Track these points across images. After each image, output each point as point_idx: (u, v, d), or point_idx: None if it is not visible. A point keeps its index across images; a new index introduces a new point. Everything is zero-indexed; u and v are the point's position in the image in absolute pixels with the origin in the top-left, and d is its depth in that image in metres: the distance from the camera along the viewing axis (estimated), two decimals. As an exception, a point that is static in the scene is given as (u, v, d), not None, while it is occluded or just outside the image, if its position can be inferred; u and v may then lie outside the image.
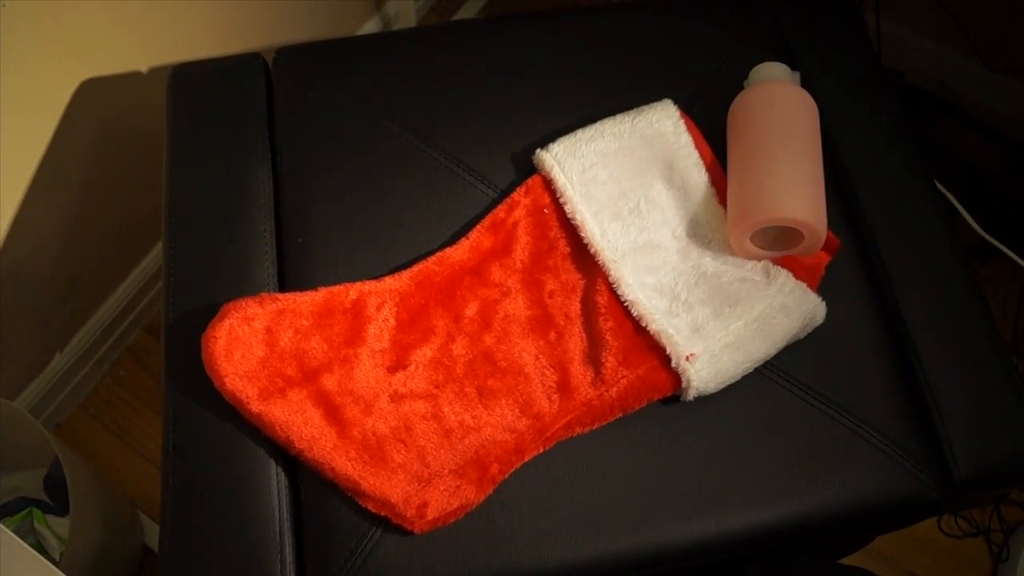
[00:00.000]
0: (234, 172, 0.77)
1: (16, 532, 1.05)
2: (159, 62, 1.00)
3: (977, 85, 1.31)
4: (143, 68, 0.99)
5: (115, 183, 1.07)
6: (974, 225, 1.09)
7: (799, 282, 0.70)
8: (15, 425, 1.00)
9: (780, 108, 0.73)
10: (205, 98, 0.81)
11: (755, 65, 0.78)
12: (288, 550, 0.66)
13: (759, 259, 0.71)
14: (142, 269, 1.20)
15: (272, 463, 0.68)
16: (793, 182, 0.69)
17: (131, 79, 0.98)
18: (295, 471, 0.69)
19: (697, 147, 0.75)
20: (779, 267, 0.70)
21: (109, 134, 1.01)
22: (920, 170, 0.80)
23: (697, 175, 0.74)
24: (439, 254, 0.72)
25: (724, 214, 0.73)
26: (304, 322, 0.67)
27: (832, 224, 0.75)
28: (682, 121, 0.75)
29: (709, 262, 0.71)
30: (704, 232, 0.73)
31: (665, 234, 0.73)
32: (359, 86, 0.81)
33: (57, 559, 1.05)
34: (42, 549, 1.07)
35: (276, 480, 0.67)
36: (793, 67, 0.79)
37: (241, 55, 0.84)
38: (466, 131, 0.78)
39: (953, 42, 1.28)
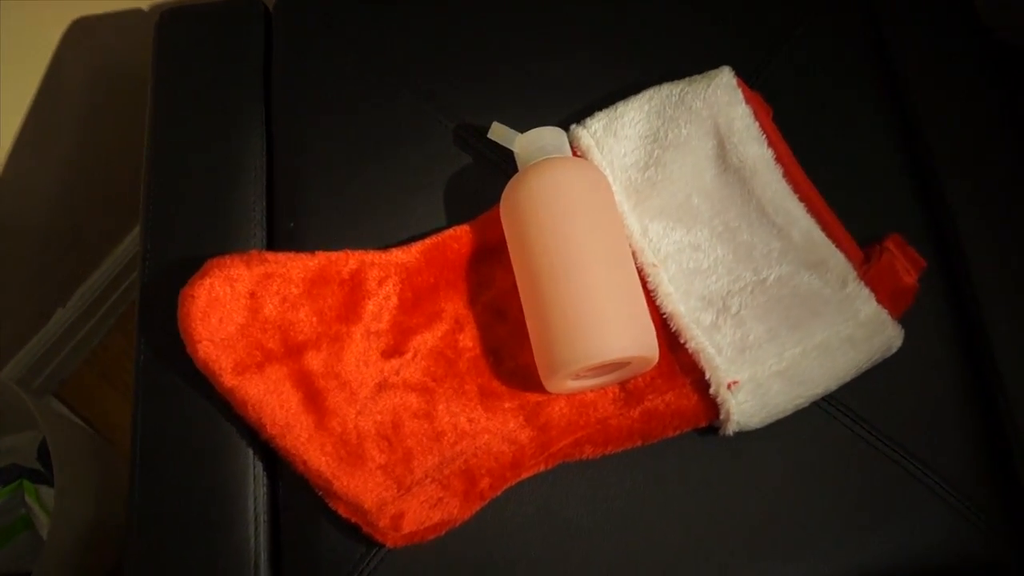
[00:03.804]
0: (223, 138, 0.69)
1: (5, 505, 1.01)
2: (159, -1, 0.94)
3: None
4: (143, 5, 0.92)
5: (115, 130, 1.01)
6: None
7: (881, 308, 0.59)
8: (4, 391, 0.95)
9: (556, 207, 0.58)
10: (195, 49, 0.73)
11: (829, 35, 0.69)
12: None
13: (582, 391, 0.59)
14: (150, 220, 1.15)
15: (250, 484, 0.61)
16: (604, 310, 0.56)
17: (129, 18, 0.92)
18: (275, 499, 0.61)
19: (758, 118, 0.63)
20: (862, 284, 0.59)
21: (106, 78, 0.95)
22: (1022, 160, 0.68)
23: (756, 148, 0.63)
24: (457, 228, 0.63)
25: (792, 194, 0.62)
26: (294, 290, 0.59)
27: (911, 226, 0.65)
28: (740, 91, 0.64)
29: (774, 263, 0.61)
30: (768, 221, 0.62)
31: (719, 229, 0.62)
32: (369, 42, 0.72)
33: (45, 536, 1.00)
34: (31, 524, 1.01)
35: (253, 506, 0.60)
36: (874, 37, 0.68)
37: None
38: (489, 100, 0.69)
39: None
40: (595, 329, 0.55)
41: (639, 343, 0.55)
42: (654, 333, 0.57)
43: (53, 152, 0.95)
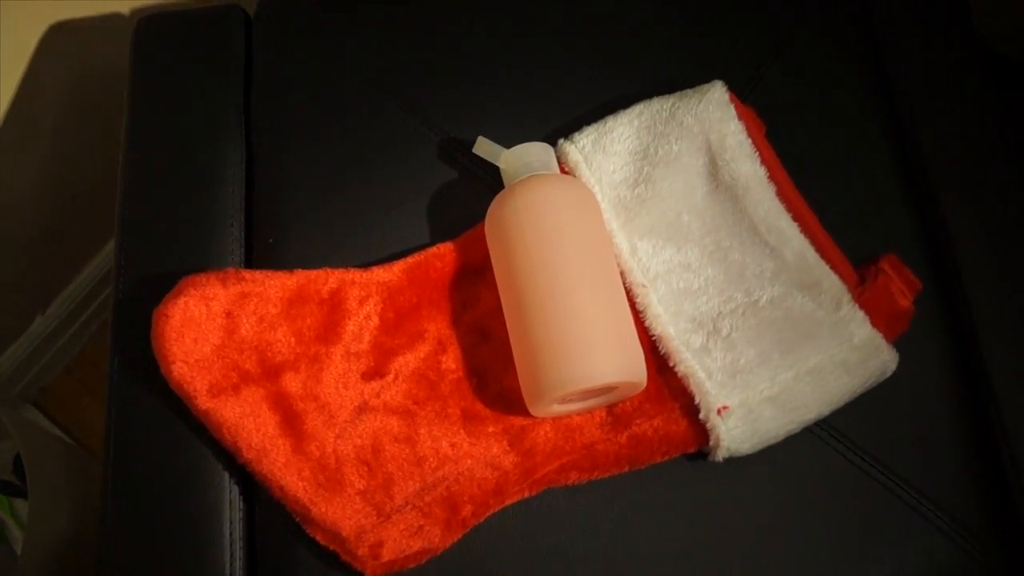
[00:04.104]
0: (200, 149, 0.67)
1: (-23, 518, 0.98)
2: (140, 2, 0.91)
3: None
4: (123, 9, 0.90)
5: (95, 135, 0.98)
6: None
7: (876, 332, 0.57)
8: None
9: (543, 225, 0.56)
10: (173, 56, 0.71)
11: (823, 48, 0.68)
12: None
13: (567, 415, 0.57)
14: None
15: (226, 509, 0.59)
16: (591, 333, 0.54)
17: (108, 22, 0.89)
18: (252, 524, 0.60)
19: (751, 134, 0.62)
20: (856, 307, 0.58)
21: (85, 83, 0.93)
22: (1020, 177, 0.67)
23: (749, 166, 0.61)
24: (440, 245, 0.61)
25: (785, 213, 0.60)
26: (271, 309, 0.57)
27: (907, 246, 0.63)
28: (732, 106, 0.62)
29: (766, 284, 0.59)
30: (761, 240, 0.60)
31: (710, 248, 0.61)
32: (353, 51, 0.70)
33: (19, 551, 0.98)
34: (5, 538, 0.99)
35: (229, 530, 0.58)
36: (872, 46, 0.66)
37: (219, 5, 0.73)
38: (475, 112, 0.67)
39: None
40: (582, 353, 0.53)
41: (627, 368, 0.54)
42: (642, 357, 0.55)
43: (31, 157, 0.93)
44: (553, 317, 0.54)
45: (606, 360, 0.53)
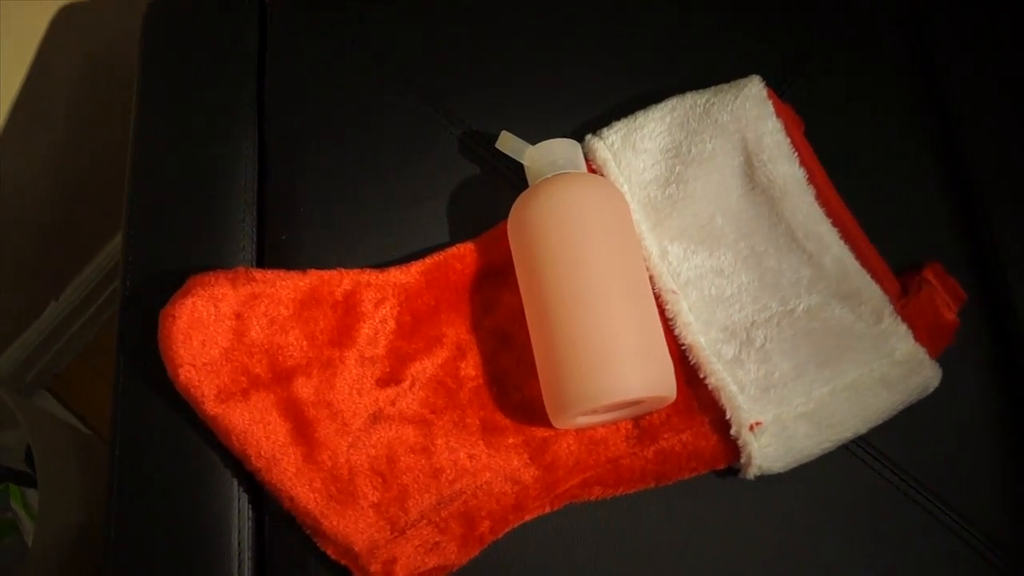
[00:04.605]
0: (211, 141, 0.65)
1: (-10, 507, 0.98)
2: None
3: None
4: None
5: (108, 120, 0.96)
6: None
7: (918, 346, 0.54)
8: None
9: (569, 227, 0.53)
10: (184, 44, 0.68)
11: (867, 43, 0.64)
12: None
13: (591, 427, 0.55)
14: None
15: (234, 518, 0.56)
16: (619, 344, 0.51)
17: (120, 4, 0.87)
18: (261, 535, 0.57)
19: (789, 133, 0.58)
20: (898, 319, 0.55)
21: (98, 66, 0.91)
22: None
23: (787, 167, 0.58)
24: (460, 246, 0.59)
25: (825, 218, 0.57)
26: (283, 311, 0.55)
27: (951, 254, 0.60)
28: (770, 103, 0.59)
29: (803, 293, 0.56)
30: (798, 246, 0.57)
31: (744, 254, 0.58)
32: (372, 39, 0.67)
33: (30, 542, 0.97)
34: (16, 529, 0.98)
35: (237, 541, 0.56)
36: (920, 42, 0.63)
37: (234, -10, 0.71)
38: (499, 105, 0.64)
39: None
40: (609, 365, 0.50)
41: (656, 381, 0.51)
42: (672, 370, 0.52)
43: (44, 142, 0.92)
44: (578, 325, 0.51)
45: (634, 373, 0.50)
